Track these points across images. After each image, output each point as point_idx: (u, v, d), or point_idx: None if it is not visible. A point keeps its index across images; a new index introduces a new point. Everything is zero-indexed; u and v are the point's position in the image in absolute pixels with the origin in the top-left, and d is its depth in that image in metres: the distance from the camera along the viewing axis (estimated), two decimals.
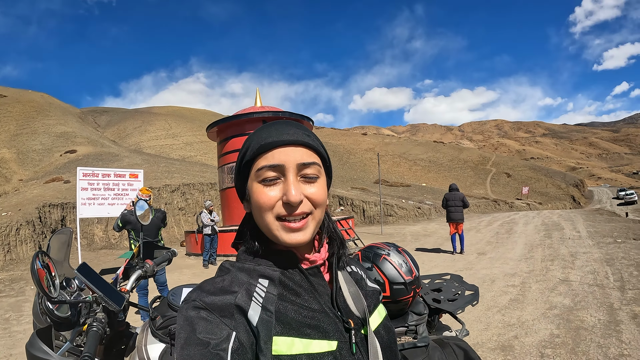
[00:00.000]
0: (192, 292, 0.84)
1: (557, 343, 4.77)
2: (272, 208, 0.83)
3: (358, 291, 0.95)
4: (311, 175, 0.85)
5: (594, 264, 8.71)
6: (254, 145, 0.86)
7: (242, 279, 0.86)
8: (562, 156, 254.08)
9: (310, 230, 0.85)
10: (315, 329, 0.82)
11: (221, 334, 0.75)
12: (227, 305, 0.79)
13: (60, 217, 18.32)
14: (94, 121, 78.01)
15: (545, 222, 18.54)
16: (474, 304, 2.45)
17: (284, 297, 0.84)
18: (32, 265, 1.32)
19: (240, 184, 0.93)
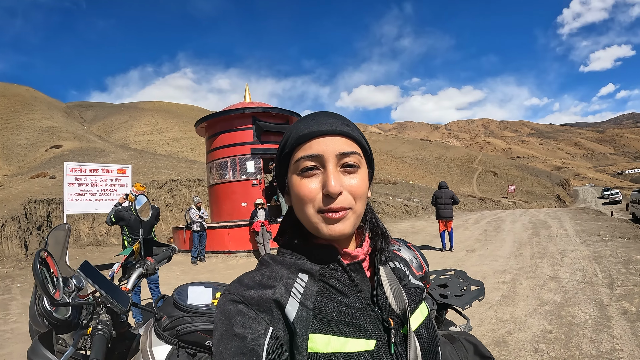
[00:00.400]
0: (232, 285, 0.83)
1: (550, 338, 4.80)
2: (312, 200, 0.81)
3: (400, 288, 0.91)
4: (351, 164, 0.82)
5: (582, 262, 8.79)
6: (292, 137, 0.84)
7: (281, 273, 0.85)
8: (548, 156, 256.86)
9: (350, 222, 0.82)
10: (353, 327, 0.80)
11: (258, 329, 0.74)
12: (265, 299, 0.78)
13: (46, 213, 18.05)
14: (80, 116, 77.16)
15: (532, 220, 18.69)
16: (480, 299, 2.46)
17: (323, 294, 0.82)
18: (34, 265, 1.25)
19: (280, 176, 0.91)
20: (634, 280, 6.99)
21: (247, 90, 16.63)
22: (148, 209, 2.28)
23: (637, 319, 5.20)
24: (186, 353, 1.56)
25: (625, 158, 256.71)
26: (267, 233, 11.87)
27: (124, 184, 11.85)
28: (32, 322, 1.51)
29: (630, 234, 12.28)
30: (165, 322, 1.58)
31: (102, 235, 19.28)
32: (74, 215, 17.44)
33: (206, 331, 1.59)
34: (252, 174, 14.20)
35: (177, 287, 1.79)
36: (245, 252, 12.58)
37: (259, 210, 12.08)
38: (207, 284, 1.83)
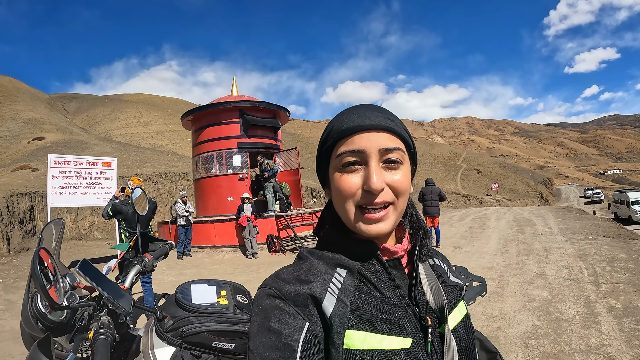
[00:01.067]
0: (269, 279, 0.84)
1: (540, 334, 4.85)
2: (353, 196, 0.80)
3: (439, 286, 0.89)
4: (394, 160, 0.81)
5: (567, 259, 8.87)
6: (335, 130, 0.83)
7: (319, 267, 0.84)
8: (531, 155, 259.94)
9: (391, 220, 0.81)
10: (390, 324, 0.79)
11: (294, 324, 0.74)
12: (302, 294, 0.78)
13: (29, 206, 17.71)
14: (63, 107, 76.11)
15: (516, 218, 18.86)
16: (482, 294, 2.46)
17: (361, 290, 0.82)
18: (34, 266, 1.17)
19: (321, 170, 0.90)
20: (619, 278, 7.08)
21: (234, 83, 16.47)
22: (144, 203, 2.22)
23: (624, 315, 5.27)
24: (191, 355, 1.51)
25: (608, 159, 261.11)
26: (254, 228, 11.80)
27: (109, 177, 11.70)
28: (25, 325, 1.42)
29: (613, 233, 12.45)
30: (169, 323, 1.53)
31: (86, 229, 19.01)
32: (57, 209, 17.18)
33: (213, 332, 1.54)
34: (239, 168, 14.10)
35: (180, 285, 1.73)
36: (231, 247, 12.49)
37: (245, 204, 12.00)
38: (210, 281, 1.79)
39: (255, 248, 11.67)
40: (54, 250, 1.70)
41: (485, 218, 19.98)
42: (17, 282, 9.35)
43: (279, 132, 15.83)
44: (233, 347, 1.55)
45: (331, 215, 0.91)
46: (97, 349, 1.25)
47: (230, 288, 1.79)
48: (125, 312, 1.43)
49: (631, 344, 4.42)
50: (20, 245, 14.52)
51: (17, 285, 8.83)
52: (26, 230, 16.15)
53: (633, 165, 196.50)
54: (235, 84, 16.45)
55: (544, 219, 17.82)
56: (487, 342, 1.78)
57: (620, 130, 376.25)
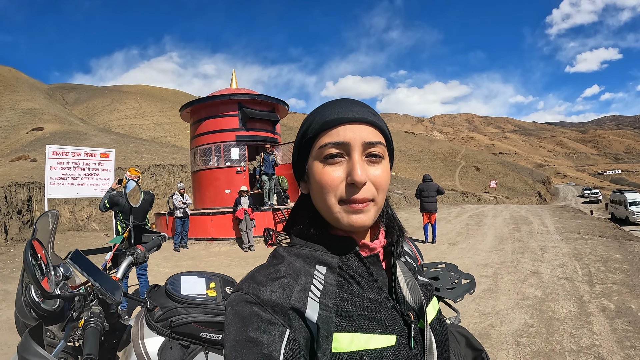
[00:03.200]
0: (244, 283, 0.79)
1: (532, 332, 4.88)
2: (336, 189, 0.78)
3: (415, 282, 0.90)
4: (376, 154, 0.80)
5: (562, 258, 8.91)
6: (317, 122, 0.82)
7: (297, 266, 0.82)
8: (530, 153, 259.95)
9: (372, 214, 0.80)
10: (374, 321, 0.78)
11: (274, 332, 0.71)
12: (282, 302, 0.74)
13: (27, 197, 17.73)
14: (62, 98, 75.91)
15: (513, 216, 18.87)
16: (471, 292, 2.48)
17: (342, 287, 0.80)
18: (25, 256, 1.19)
19: (299, 162, 0.88)
20: (613, 279, 7.11)
21: (233, 76, 16.45)
22: (137, 195, 2.23)
23: (616, 316, 5.30)
24: (179, 345, 1.53)
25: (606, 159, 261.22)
26: (251, 221, 11.83)
27: (107, 168, 11.67)
28: (19, 313, 1.44)
29: (609, 233, 12.48)
30: (158, 313, 1.55)
31: (83, 220, 19.03)
32: (55, 200, 17.18)
33: (201, 322, 1.56)
34: (237, 161, 14.12)
35: (170, 276, 1.75)
36: (228, 240, 12.53)
37: (242, 197, 12.02)
38: (200, 273, 1.81)
39: (251, 241, 11.71)
40: (48, 241, 1.72)
41: (482, 215, 20.00)
42: (14, 272, 9.39)
43: (278, 126, 15.83)
44: (220, 338, 1.58)
45: (308, 211, 0.89)
46: (86, 337, 1.27)
47: (219, 280, 1.81)
48: (115, 302, 1.45)
49: (622, 345, 4.45)
50: (17, 236, 14.54)
51: (14, 276, 8.87)
52: (24, 220, 16.17)
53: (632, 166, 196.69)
54: (235, 77, 16.42)
55: (540, 217, 17.84)
56: (474, 339, 1.81)
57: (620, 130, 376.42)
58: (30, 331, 1.17)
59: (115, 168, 13.43)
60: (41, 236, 1.61)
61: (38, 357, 1.12)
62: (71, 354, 1.43)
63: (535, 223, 15.73)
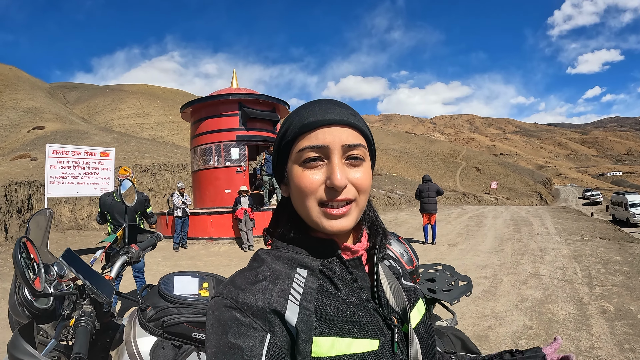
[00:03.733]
0: (224, 288, 0.78)
1: (531, 334, 4.87)
2: (314, 193, 0.77)
3: (399, 286, 0.88)
4: (357, 156, 0.79)
5: (562, 260, 8.90)
6: (295, 124, 0.80)
7: (277, 270, 0.80)
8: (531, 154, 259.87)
9: (353, 217, 0.79)
10: (356, 325, 0.77)
11: (255, 337, 0.70)
12: (262, 305, 0.73)
13: (27, 195, 17.73)
14: (63, 97, 75.97)
15: (514, 217, 18.87)
16: (468, 294, 2.47)
17: (323, 290, 0.79)
18: (14, 254, 1.18)
19: (279, 165, 0.86)
20: (613, 281, 7.10)
21: (234, 76, 16.44)
22: (133, 194, 2.23)
23: (616, 319, 5.29)
24: (171, 345, 1.52)
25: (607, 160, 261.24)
26: (250, 221, 11.83)
27: (107, 167, 11.68)
28: (12, 312, 1.45)
29: (609, 235, 12.48)
30: (151, 313, 1.54)
31: (84, 219, 19.03)
32: (55, 199, 17.20)
33: (193, 323, 1.56)
34: (237, 160, 14.11)
35: (163, 276, 1.74)
36: (227, 239, 12.52)
37: (242, 197, 12.02)
38: (194, 273, 1.80)
39: (251, 241, 11.70)
40: (42, 239, 1.72)
41: (482, 216, 20.00)
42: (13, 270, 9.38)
43: (278, 126, 15.85)
44: None
45: (288, 213, 0.88)
46: (77, 336, 1.26)
47: (213, 280, 1.81)
48: (106, 301, 1.44)
49: (621, 348, 4.44)
50: (17, 234, 14.55)
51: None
52: (24, 219, 16.17)
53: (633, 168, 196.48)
54: (236, 77, 16.42)
55: (541, 218, 17.84)
56: (469, 342, 1.80)
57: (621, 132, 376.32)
58: (21, 329, 1.17)
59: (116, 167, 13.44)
60: (34, 235, 1.61)
61: (27, 355, 1.12)
62: (63, 353, 1.43)
63: (535, 224, 15.73)
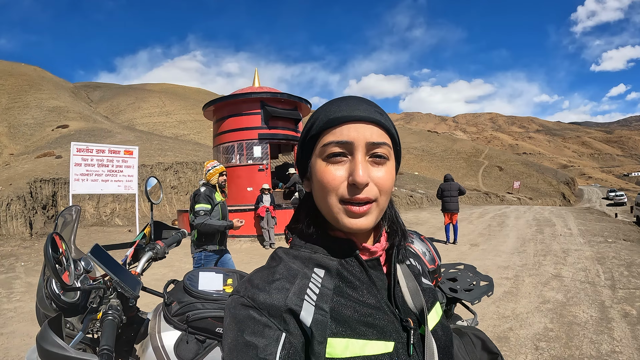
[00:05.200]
0: (241, 286, 0.79)
1: (551, 337, 4.80)
2: (337, 189, 0.76)
3: (417, 287, 0.87)
4: (381, 155, 0.78)
5: (585, 262, 8.76)
6: (321, 119, 0.80)
7: (295, 269, 0.81)
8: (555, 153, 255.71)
9: (373, 216, 0.78)
10: (371, 327, 0.76)
11: (270, 336, 0.70)
12: (278, 304, 0.74)
13: (52, 192, 18.11)
14: (87, 96, 77.17)
15: (536, 218, 18.62)
16: (489, 294, 2.44)
17: (340, 291, 0.79)
18: (45, 249, 1.22)
19: (302, 160, 0.86)
20: (636, 284, 6.97)
21: (256, 74, 16.56)
22: (158, 191, 2.28)
23: (638, 322, 5.18)
24: (195, 339, 1.56)
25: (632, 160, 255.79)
26: (272, 218, 11.90)
27: (131, 165, 11.88)
28: (40, 305, 1.49)
29: (633, 237, 12.23)
30: (175, 308, 1.58)
31: (107, 216, 19.36)
32: (79, 195, 17.54)
33: (217, 318, 1.59)
34: (259, 159, 14.21)
35: (188, 272, 1.78)
36: (249, 237, 12.61)
37: (264, 195, 12.10)
38: (218, 270, 1.83)
39: (272, 238, 11.77)
40: (70, 235, 1.77)
41: (504, 216, 19.78)
42: (38, 265, 9.61)
43: (300, 124, 15.89)
44: None
45: (308, 209, 0.88)
46: (104, 330, 1.30)
47: (237, 277, 1.84)
48: (133, 295, 1.48)
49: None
50: (42, 230, 14.87)
51: (38, 269, 9.06)
52: (48, 215, 16.52)
53: None
54: (257, 75, 16.53)
55: (564, 219, 17.57)
56: (490, 342, 1.79)
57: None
58: (50, 322, 1.21)
59: (139, 165, 13.64)
60: (62, 231, 1.66)
61: (56, 347, 1.16)
62: (89, 345, 1.47)
63: (558, 225, 15.51)
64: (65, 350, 1.16)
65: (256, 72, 16.64)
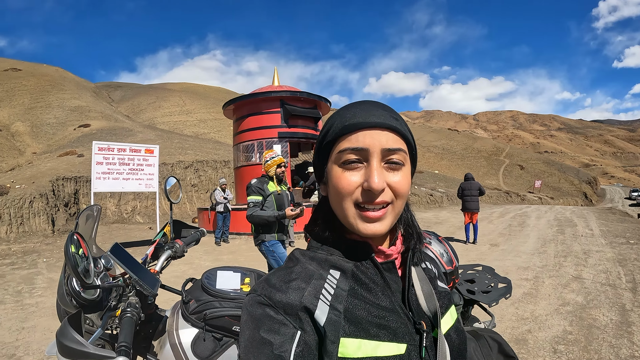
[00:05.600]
0: (259, 285, 0.80)
1: (570, 340, 4.73)
2: (352, 194, 0.77)
3: (431, 290, 0.88)
4: (396, 161, 0.78)
5: (606, 263, 8.61)
6: (337, 125, 0.80)
7: (311, 270, 0.82)
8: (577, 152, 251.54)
9: (388, 221, 0.79)
10: (384, 329, 0.77)
11: (285, 333, 0.72)
12: (294, 303, 0.75)
13: (74, 190, 18.46)
14: (108, 96, 78.28)
15: (557, 218, 18.36)
16: (507, 296, 2.41)
17: (354, 292, 0.80)
18: (66, 247, 1.26)
19: (319, 165, 0.86)
20: None
21: (275, 73, 16.67)
22: (177, 190, 2.31)
23: None
24: (212, 337, 1.58)
25: None
26: None
27: (152, 163, 12.04)
28: (60, 301, 1.53)
29: None
30: (193, 306, 1.60)
31: (128, 214, 19.65)
32: (100, 193, 17.84)
33: (234, 316, 1.61)
34: None
35: (206, 271, 1.81)
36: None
37: None
38: (236, 268, 1.86)
39: (291, 237, 11.77)
40: (91, 233, 1.81)
41: (525, 216, 19.56)
42: (59, 261, 9.80)
43: (320, 122, 15.92)
44: None
45: (324, 213, 0.88)
46: (122, 326, 1.33)
47: (254, 276, 1.86)
48: (151, 293, 1.51)
49: None
50: (64, 227, 15.15)
51: (60, 265, 9.23)
52: (70, 213, 16.83)
53: None
54: (277, 74, 16.63)
55: (585, 219, 17.30)
56: (507, 346, 1.78)
57: None
58: (69, 318, 1.25)
59: (160, 163, 13.79)
60: (83, 229, 1.70)
61: (75, 342, 1.19)
62: (108, 341, 1.51)
63: (579, 225, 15.28)
64: (84, 346, 1.19)
65: (275, 71, 16.74)
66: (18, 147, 36.81)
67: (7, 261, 10.20)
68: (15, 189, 15.79)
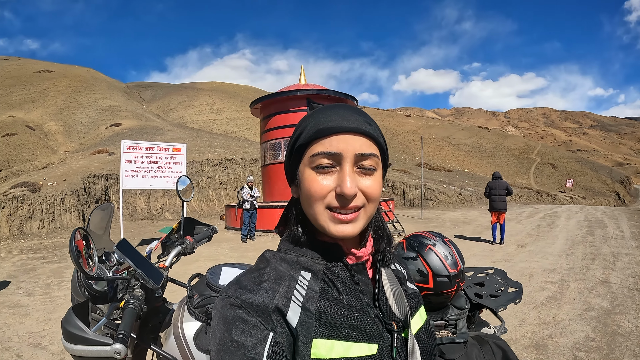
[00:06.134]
0: (230, 287, 0.80)
1: (592, 347, 4.62)
2: (324, 198, 0.78)
3: (401, 291, 0.89)
4: (368, 167, 0.79)
5: (636, 267, 8.37)
6: (310, 128, 0.80)
7: (282, 271, 0.83)
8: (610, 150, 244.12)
9: (360, 224, 0.80)
10: (356, 330, 0.78)
11: (257, 335, 0.72)
12: (265, 304, 0.75)
13: (104, 187, 18.92)
14: (139, 95, 79.67)
15: (588, 218, 17.90)
16: (516, 302, 2.35)
17: (326, 293, 0.80)
18: (70, 242, 1.33)
19: (290, 166, 0.87)
20: None
21: (302, 72, 16.81)
22: (190, 190, 2.36)
23: None
24: None
25: None
26: None
27: (179, 162, 12.23)
28: (74, 293, 1.62)
29: None
30: (197, 300, 1.65)
31: (157, 210, 20.03)
32: (130, 191, 18.24)
33: None
34: None
35: (211, 267, 1.86)
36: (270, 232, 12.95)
37: None
38: (241, 265, 1.90)
39: None
40: (104, 230, 1.90)
41: (555, 216, 19.14)
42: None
43: None
44: None
45: (296, 214, 0.89)
46: (123, 316, 1.41)
47: None
48: (154, 287, 1.57)
49: None
50: None
51: None
52: None
53: None
54: (303, 73, 16.76)
55: (616, 220, 16.82)
56: (511, 353, 1.76)
57: None
58: (74, 308, 1.35)
59: (189, 161, 14.00)
60: (95, 226, 1.79)
61: (77, 329, 1.32)
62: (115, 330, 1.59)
63: (610, 227, 14.87)
64: (85, 332, 1.32)
65: (302, 70, 16.87)
66: (51, 146, 37.78)
67: (38, 255, 10.56)
68: (47, 186, 16.26)
